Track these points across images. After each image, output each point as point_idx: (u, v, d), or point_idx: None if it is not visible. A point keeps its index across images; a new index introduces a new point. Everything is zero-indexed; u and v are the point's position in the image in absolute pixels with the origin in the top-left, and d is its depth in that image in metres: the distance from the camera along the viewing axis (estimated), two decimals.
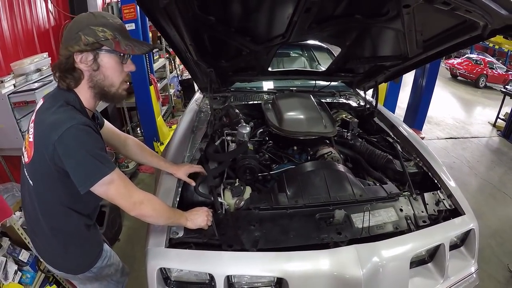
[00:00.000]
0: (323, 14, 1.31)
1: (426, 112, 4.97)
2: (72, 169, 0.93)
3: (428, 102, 4.83)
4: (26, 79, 2.32)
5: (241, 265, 1.15)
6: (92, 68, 0.99)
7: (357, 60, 1.91)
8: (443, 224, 1.37)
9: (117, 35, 0.99)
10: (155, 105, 3.64)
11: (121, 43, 0.99)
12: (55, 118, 0.93)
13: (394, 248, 1.19)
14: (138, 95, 3.49)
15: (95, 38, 0.95)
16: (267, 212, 1.36)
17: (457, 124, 6.11)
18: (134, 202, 1.02)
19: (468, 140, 5.30)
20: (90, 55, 0.97)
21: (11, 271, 1.67)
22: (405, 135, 2.05)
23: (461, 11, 0.92)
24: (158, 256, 1.17)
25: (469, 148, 4.96)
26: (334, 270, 1.11)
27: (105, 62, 1.00)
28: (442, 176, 1.65)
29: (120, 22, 1.04)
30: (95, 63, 0.99)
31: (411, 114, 5.10)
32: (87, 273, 1.22)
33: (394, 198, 1.47)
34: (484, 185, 3.79)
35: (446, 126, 5.97)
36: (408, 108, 5.20)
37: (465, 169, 4.19)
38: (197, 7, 1.23)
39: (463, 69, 10.44)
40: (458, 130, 5.79)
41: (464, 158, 4.52)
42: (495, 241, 2.77)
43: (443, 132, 5.64)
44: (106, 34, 0.97)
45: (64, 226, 1.11)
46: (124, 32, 1.03)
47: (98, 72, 1.01)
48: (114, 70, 1.03)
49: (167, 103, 5.45)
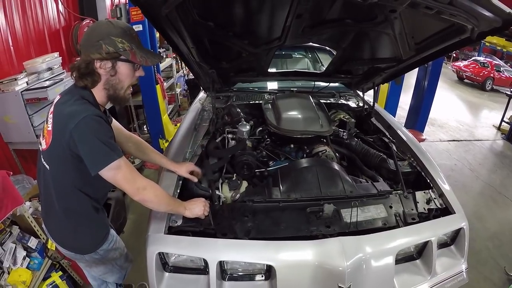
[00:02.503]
0: (314, 19, 1.35)
1: (427, 114, 4.93)
2: (85, 153, 1.03)
3: (429, 104, 4.79)
4: (38, 77, 2.42)
5: (233, 252, 1.21)
6: (110, 73, 1.11)
7: (353, 62, 1.94)
8: (432, 222, 1.39)
9: (134, 46, 1.10)
10: (161, 104, 3.72)
11: (137, 54, 1.10)
12: (72, 109, 1.04)
13: (380, 243, 1.23)
14: (144, 94, 3.56)
15: (115, 48, 1.07)
16: (261, 205, 1.41)
17: (461, 127, 6.03)
18: (137, 187, 1.12)
19: (471, 143, 5.23)
20: (109, 63, 1.09)
21: (20, 257, 1.76)
22: (401, 136, 2.06)
23: (446, 15, 0.95)
24: (157, 242, 1.25)
25: (472, 151, 4.89)
26: (319, 260, 1.15)
27: (122, 69, 1.12)
28: (434, 176, 1.67)
29: (135, 34, 1.14)
30: (113, 69, 1.11)
31: (413, 116, 5.06)
32: (94, 254, 1.31)
33: (385, 195, 1.49)
34: (485, 188, 3.75)
35: (450, 128, 5.90)
36: (410, 109, 5.17)
37: (467, 171, 4.15)
38: (196, 14, 1.29)
39: (470, 71, 10.26)
40: (462, 132, 5.72)
41: (466, 160, 4.47)
42: (492, 243, 2.75)
43: (446, 134, 5.58)
44: (125, 46, 1.08)
45: (75, 207, 1.21)
46: (138, 43, 1.13)
47: (115, 77, 1.13)
48: (127, 76, 1.15)
49: (173, 101, 5.54)
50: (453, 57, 12.13)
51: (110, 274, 1.46)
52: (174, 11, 1.14)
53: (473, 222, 2.98)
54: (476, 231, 2.80)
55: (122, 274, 1.54)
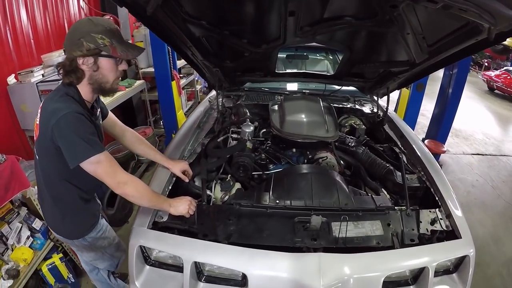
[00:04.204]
0: (312, 17, 1.24)
1: (450, 124, 4.50)
2: (64, 148, 1.07)
3: (453, 113, 4.36)
4: (54, 70, 2.45)
5: (208, 254, 1.16)
6: (93, 69, 1.12)
7: (363, 64, 1.77)
8: (433, 246, 1.20)
9: (114, 41, 1.10)
10: (176, 100, 3.71)
11: (118, 49, 1.10)
12: (55, 106, 1.08)
13: (366, 264, 1.07)
14: (160, 90, 3.56)
15: (95, 44, 1.07)
16: (247, 209, 1.33)
17: (486, 140, 5.50)
18: (118, 181, 1.14)
19: (496, 158, 4.75)
20: (91, 59, 1.10)
21: (24, 236, 1.81)
22: (413, 147, 1.86)
23: (455, 10, 0.78)
24: (139, 235, 1.25)
25: (496, 166, 4.44)
26: (294, 275, 1.04)
27: (103, 65, 1.13)
28: (444, 194, 1.46)
29: (116, 28, 1.14)
30: (95, 65, 1.11)
31: (435, 126, 4.65)
32: (82, 241, 1.35)
33: (384, 211, 1.33)
34: (506, 208, 3.36)
35: (475, 141, 5.40)
36: (433, 119, 4.75)
37: (488, 188, 3.75)
38: (185, 13, 1.23)
39: (501, 82, 9.33)
40: (487, 146, 5.21)
41: (489, 176, 4.05)
42: (507, 270, 2.43)
43: (470, 147, 5.11)
44: (105, 41, 1.08)
45: (62, 196, 1.25)
46: (119, 37, 1.13)
47: (98, 72, 1.13)
48: (110, 70, 1.15)
49: (192, 98, 5.56)
50: (485, 66, 11.15)
51: (100, 261, 1.49)
52: (161, 10, 1.09)
53: (489, 244, 2.67)
54: (490, 254, 2.50)
55: (113, 262, 1.56)
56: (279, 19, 1.23)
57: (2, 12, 2.17)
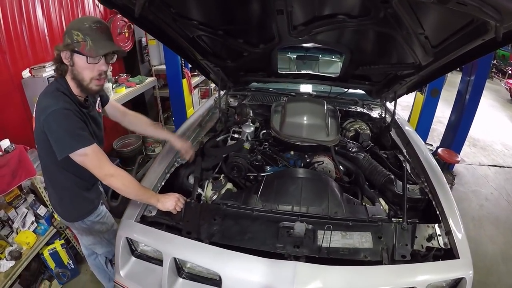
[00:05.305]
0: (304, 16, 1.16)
1: (466, 132, 4.18)
2: (52, 142, 1.12)
3: (470, 121, 4.04)
4: None
5: (187, 252, 1.15)
6: (70, 64, 1.14)
7: (366, 66, 1.66)
8: (426, 265, 1.08)
9: (88, 38, 1.08)
10: (186, 97, 3.71)
11: (87, 45, 1.08)
12: (46, 102, 1.12)
13: (344, 279, 0.98)
14: (171, 87, 3.58)
15: (71, 40, 1.09)
16: (233, 210, 1.29)
17: (505, 151, 5.10)
18: (105, 174, 1.17)
19: None
20: (68, 54, 1.12)
21: (29, 221, 1.86)
22: (418, 155, 1.73)
23: (452, 5, 0.67)
24: (126, 227, 1.26)
25: None
26: (267, 282, 0.98)
27: (76, 61, 1.13)
28: (445, 209, 1.33)
29: (102, 26, 1.11)
30: (71, 60, 1.13)
31: (450, 134, 4.34)
32: (81, 223, 1.39)
33: (376, 222, 1.23)
34: None
35: (493, 152, 5.02)
36: (448, 126, 4.43)
37: (503, 203, 3.47)
38: (175, 14, 1.19)
39: None
40: (506, 158, 4.83)
41: (504, 190, 3.74)
42: None
43: (487, 158, 4.76)
44: (78, 38, 1.08)
45: (59, 182, 1.31)
46: (99, 35, 1.09)
47: (74, 68, 1.15)
48: (83, 68, 1.13)
49: (206, 96, 5.57)
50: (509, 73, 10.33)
51: (99, 246, 1.52)
52: (150, 11, 1.07)
53: (498, 263, 2.45)
54: (499, 274, 2.30)
55: (111, 249, 1.56)
56: (269, 18, 1.17)
57: (18, 10, 2.24)
